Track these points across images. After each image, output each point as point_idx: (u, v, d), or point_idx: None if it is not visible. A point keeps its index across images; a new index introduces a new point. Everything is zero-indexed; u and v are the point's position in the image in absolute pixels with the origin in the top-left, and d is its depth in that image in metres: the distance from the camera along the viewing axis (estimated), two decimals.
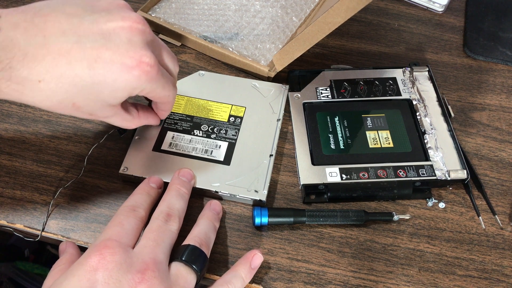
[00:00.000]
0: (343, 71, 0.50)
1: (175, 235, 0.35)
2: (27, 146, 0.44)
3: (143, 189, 0.38)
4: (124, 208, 0.36)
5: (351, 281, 0.38)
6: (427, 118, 0.46)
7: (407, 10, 0.61)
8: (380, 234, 0.41)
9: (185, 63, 0.52)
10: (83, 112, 0.33)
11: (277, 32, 0.53)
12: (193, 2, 0.56)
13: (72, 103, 0.32)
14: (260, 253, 0.38)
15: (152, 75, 0.33)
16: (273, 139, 0.44)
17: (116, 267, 0.30)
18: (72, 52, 0.30)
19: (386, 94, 0.48)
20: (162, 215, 0.35)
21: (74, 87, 0.31)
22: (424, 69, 0.50)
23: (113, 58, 0.31)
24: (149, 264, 0.31)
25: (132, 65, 0.31)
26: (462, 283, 0.39)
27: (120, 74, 0.31)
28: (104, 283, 0.29)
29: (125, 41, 0.31)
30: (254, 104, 0.47)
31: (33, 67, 0.29)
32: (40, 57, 0.29)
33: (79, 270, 0.30)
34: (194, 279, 0.33)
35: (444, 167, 0.43)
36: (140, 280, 0.30)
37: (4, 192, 0.41)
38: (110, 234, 0.33)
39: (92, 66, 0.30)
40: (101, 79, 0.31)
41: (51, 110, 0.32)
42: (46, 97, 0.31)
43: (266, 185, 0.41)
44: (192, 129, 0.44)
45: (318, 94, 0.48)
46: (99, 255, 0.30)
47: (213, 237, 0.38)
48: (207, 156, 0.43)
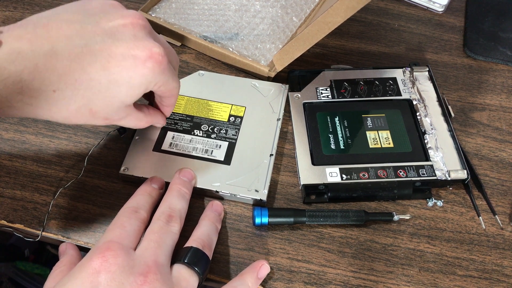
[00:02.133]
0: (343, 71, 0.50)
1: (176, 236, 0.35)
2: (27, 146, 0.44)
3: (144, 190, 0.38)
4: (126, 210, 0.36)
5: (351, 281, 0.38)
6: (427, 118, 0.46)
7: (407, 10, 0.61)
8: (380, 234, 0.41)
9: (185, 63, 0.52)
10: (99, 118, 0.33)
11: (277, 32, 0.53)
12: (193, 2, 0.56)
13: (89, 109, 0.31)
14: (267, 264, 0.37)
15: (165, 66, 0.33)
16: (273, 139, 0.44)
17: (119, 270, 0.30)
18: (82, 56, 0.30)
19: (386, 94, 0.48)
20: (163, 216, 0.35)
21: (90, 91, 0.30)
22: (424, 69, 0.50)
23: (124, 54, 0.31)
24: (151, 267, 0.31)
25: (145, 58, 0.31)
26: (462, 283, 0.39)
27: (135, 70, 0.31)
28: (106, 285, 0.29)
29: (131, 37, 0.32)
30: (254, 104, 0.47)
31: (46, 77, 0.29)
32: (50, 66, 0.29)
33: (81, 273, 0.30)
34: (196, 282, 0.33)
35: (444, 167, 0.43)
36: (142, 282, 0.30)
37: (4, 192, 0.41)
38: (112, 236, 0.33)
39: (105, 67, 0.30)
40: (117, 78, 0.31)
41: (67, 122, 0.32)
42: (62, 107, 0.30)
43: (267, 184, 0.41)
44: (192, 129, 0.44)
45: (318, 94, 0.48)
46: (102, 257, 0.30)
47: (215, 238, 0.38)
48: (208, 156, 0.43)
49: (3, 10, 0.55)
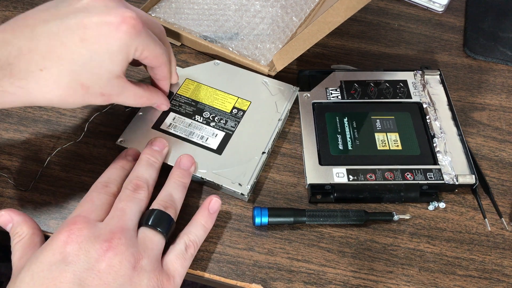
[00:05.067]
0: (354, 72, 0.50)
1: (143, 202, 0.37)
2: (27, 146, 0.44)
3: (117, 163, 0.40)
4: (97, 185, 0.38)
5: (351, 281, 0.38)
6: (437, 122, 0.46)
7: (407, 10, 0.61)
8: (380, 234, 0.41)
9: (185, 62, 0.52)
10: (94, 94, 0.34)
11: (277, 32, 0.53)
12: (193, 2, 0.56)
13: (80, 84, 0.33)
14: (217, 198, 0.39)
15: (139, 28, 0.34)
16: (269, 137, 0.44)
17: (85, 240, 0.32)
18: (61, 33, 0.32)
19: (396, 96, 0.48)
20: (130, 184, 0.37)
21: (76, 64, 0.33)
22: (435, 72, 0.50)
23: (98, 23, 0.33)
24: (116, 233, 0.33)
25: (118, 22, 0.33)
26: (462, 283, 0.39)
27: (111, 36, 0.33)
28: (74, 255, 0.31)
29: (103, 8, 0.34)
30: (259, 100, 0.47)
31: (30, 58, 0.31)
32: (33, 47, 0.31)
33: (52, 246, 0.32)
34: (161, 240, 0.35)
35: (452, 171, 0.42)
36: (107, 248, 0.32)
37: (4, 192, 0.41)
38: (80, 211, 0.35)
39: (83, 38, 0.32)
40: (96, 47, 0.33)
41: (64, 103, 0.34)
42: (52, 84, 0.32)
43: (252, 180, 0.41)
44: (194, 114, 0.45)
45: (328, 95, 0.48)
46: (68, 231, 0.32)
47: (181, 195, 0.39)
48: (202, 143, 0.43)
49: (3, 10, 0.55)
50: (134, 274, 0.32)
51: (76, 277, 0.30)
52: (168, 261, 0.35)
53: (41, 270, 0.30)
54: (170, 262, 0.35)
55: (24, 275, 0.31)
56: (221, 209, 0.41)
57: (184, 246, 0.36)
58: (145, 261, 0.33)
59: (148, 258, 0.33)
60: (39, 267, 0.31)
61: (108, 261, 0.31)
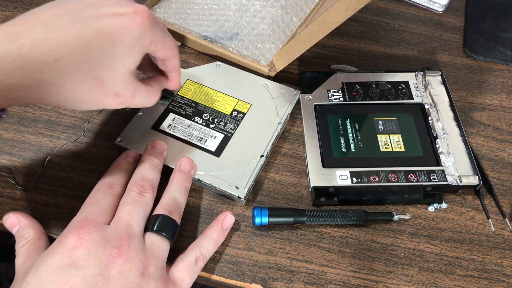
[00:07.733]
0: (355, 73, 0.50)
1: (149, 205, 0.37)
2: (27, 146, 0.44)
3: (120, 163, 0.40)
4: (102, 185, 0.37)
5: (351, 281, 0.38)
6: (439, 123, 0.46)
7: (407, 10, 0.61)
8: (380, 234, 0.41)
9: (185, 62, 0.52)
10: (109, 92, 0.34)
11: (277, 32, 0.53)
12: (193, 2, 0.56)
13: (95, 78, 0.32)
14: (231, 214, 0.39)
15: (153, 20, 0.34)
16: (268, 141, 0.44)
17: (94, 245, 0.31)
18: (75, 25, 0.31)
19: (398, 97, 0.48)
20: (136, 186, 0.37)
21: (90, 55, 0.32)
22: (437, 73, 0.50)
23: (112, 14, 0.32)
24: (124, 239, 0.33)
25: (132, 14, 0.33)
26: (462, 283, 0.39)
27: (126, 27, 0.32)
28: (84, 259, 0.31)
29: (114, 2, 0.33)
30: (260, 103, 0.46)
31: (44, 48, 0.30)
32: (47, 38, 0.30)
33: (60, 249, 0.31)
34: (167, 245, 0.35)
35: (455, 172, 0.42)
36: (117, 254, 0.32)
37: (4, 192, 0.41)
38: (87, 213, 0.34)
39: (98, 29, 0.32)
40: (112, 38, 0.32)
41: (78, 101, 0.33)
42: (67, 76, 0.31)
43: (249, 183, 0.41)
44: (194, 115, 0.45)
45: (330, 97, 0.48)
46: (77, 235, 0.32)
47: (184, 199, 0.39)
48: (200, 144, 0.43)
49: (3, 10, 0.55)
50: (142, 281, 0.32)
51: (87, 281, 0.30)
52: (176, 270, 0.35)
53: (49, 273, 0.30)
54: (178, 272, 0.35)
55: (31, 278, 0.30)
56: (221, 209, 0.41)
57: (195, 258, 0.36)
58: (152, 268, 0.33)
59: (155, 265, 0.33)
60: (47, 270, 0.30)
61: (118, 267, 0.31)
